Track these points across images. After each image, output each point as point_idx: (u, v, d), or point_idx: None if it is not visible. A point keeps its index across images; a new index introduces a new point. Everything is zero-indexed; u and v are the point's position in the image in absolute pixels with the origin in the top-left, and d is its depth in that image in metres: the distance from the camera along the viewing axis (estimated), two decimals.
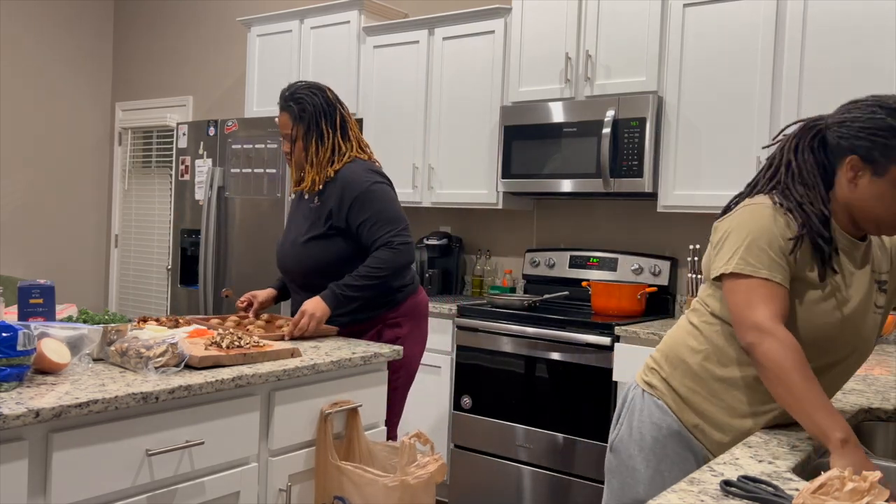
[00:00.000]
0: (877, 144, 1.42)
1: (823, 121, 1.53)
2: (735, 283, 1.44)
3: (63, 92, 6.00)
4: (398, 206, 2.48)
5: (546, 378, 3.23)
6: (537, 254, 3.91)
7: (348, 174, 2.46)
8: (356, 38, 4.24)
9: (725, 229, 1.50)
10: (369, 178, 2.45)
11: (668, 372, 1.61)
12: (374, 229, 2.41)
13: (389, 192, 2.49)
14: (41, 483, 1.50)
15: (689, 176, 3.22)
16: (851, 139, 1.45)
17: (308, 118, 2.49)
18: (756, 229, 1.44)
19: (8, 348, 1.54)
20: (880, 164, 1.42)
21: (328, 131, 2.49)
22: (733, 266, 1.44)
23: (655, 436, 1.59)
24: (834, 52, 2.92)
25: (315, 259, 2.48)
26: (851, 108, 1.48)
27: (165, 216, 5.76)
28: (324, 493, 2.05)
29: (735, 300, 1.44)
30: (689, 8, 3.23)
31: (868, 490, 1.00)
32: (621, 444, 1.66)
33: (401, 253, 2.40)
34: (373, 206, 2.42)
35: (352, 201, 2.42)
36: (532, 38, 3.62)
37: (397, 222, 2.42)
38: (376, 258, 2.39)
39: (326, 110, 2.50)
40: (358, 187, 2.42)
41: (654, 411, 1.61)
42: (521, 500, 3.29)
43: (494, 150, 3.76)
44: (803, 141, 1.52)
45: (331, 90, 2.57)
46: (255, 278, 4.09)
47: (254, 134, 4.14)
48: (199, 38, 5.68)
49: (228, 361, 1.91)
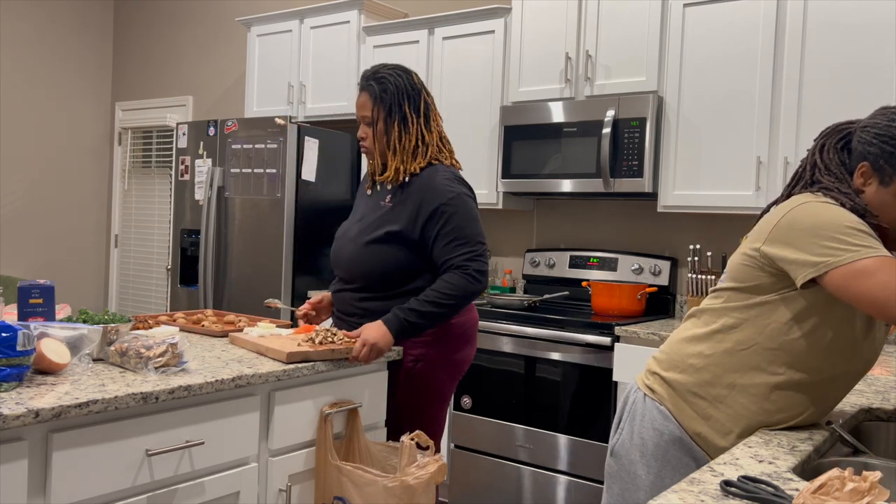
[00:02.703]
0: (884, 153, 1.41)
1: (854, 125, 1.52)
2: (853, 269, 1.31)
3: (63, 92, 6.00)
4: (480, 226, 2.24)
5: (546, 378, 3.23)
6: (537, 254, 3.91)
7: (429, 181, 2.22)
8: (356, 37, 4.24)
9: (785, 235, 1.41)
10: (453, 188, 2.22)
11: (670, 377, 1.59)
12: (448, 247, 2.18)
13: (473, 208, 2.25)
14: (41, 483, 1.50)
15: (689, 176, 3.22)
16: (866, 145, 1.44)
17: (390, 99, 2.24)
18: (828, 218, 1.36)
19: (8, 348, 1.54)
20: (886, 174, 1.41)
21: (412, 116, 2.25)
22: (847, 257, 1.32)
23: (657, 442, 1.57)
24: (834, 52, 2.92)
25: (372, 265, 2.27)
26: (879, 112, 1.47)
27: (165, 216, 5.76)
28: (324, 493, 2.04)
29: (868, 284, 1.30)
30: (689, 8, 3.23)
31: (868, 490, 1.00)
32: (622, 449, 1.64)
33: (475, 281, 2.17)
34: (453, 220, 2.18)
35: (431, 212, 2.19)
36: (532, 38, 3.62)
37: (476, 245, 2.20)
38: (448, 283, 2.16)
39: (411, 94, 2.26)
40: (440, 198, 2.20)
41: (655, 417, 1.58)
42: (521, 500, 3.29)
43: (494, 150, 3.76)
44: (830, 141, 1.51)
45: (417, 75, 2.32)
46: (254, 278, 4.09)
47: (254, 134, 4.14)
48: (199, 38, 5.68)
49: (317, 357, 2.03)
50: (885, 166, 1.41)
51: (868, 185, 1.44)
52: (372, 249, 2.27)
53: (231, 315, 2.66)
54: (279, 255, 4.01)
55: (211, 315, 2.63)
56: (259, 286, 4.09)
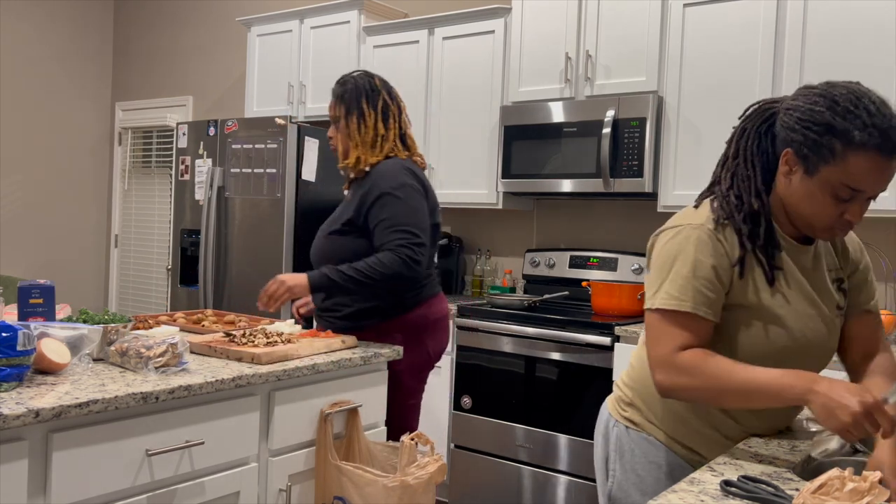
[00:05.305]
0: (808, 140, 1.28)
1: (779, 104, 1.39)
2: (652, 316, 1.36)
3: (63, 92, 5.99)
4: (421, 219, 2.31)
5: (546, 378, 3.23)
6: (537, 254, 3.91)
7: (381, 171, 2.33)
8: (356, 37, 4.24)
9: (654, 256, 1.42)
10: (400, 178, 2.31)
11: (645, 410, 1.51)
12: (386, 232, 2.26)
13: (418, 200, 2.32)
14: (41, 483, 1.50)
15: (689, 176, 3.22)
16: (789, 130, 1.32)
17: (349, 97, 2.43)
18: (682, 257, 1.35)
19: (8, 348, 1.54)
20: (811, 162, 1.29)
21: (369, 111, 2.40)
22: (659, 302, 1.35)
23: (657, 476, 1.48)
24: (834, 52, 2.92)
25: (329, 255, 2.38)
26: (800, 93, 1.34)
27: (165, 216, 5.76)
28: (324, 493, 2.04)
29: (648, 335, 1.36)
30: (689, 8, 3.23)
31: (868, 490, 1.00)
32: (620, 493, 1.52)
33: (405, 265, 2.23)
34: (394, 208, 2.27)
35: (375, 199, 2.29)
36: (532, 38, 3.62)
37: (413, 235, 2.26)
38: (379, 260, 2.24)
39: (370, 93, 2.43)
40: (385, 186, 2.29)
41: (647, 449, 1.50)
42: (521, 500, 3.29)
43: (494, 150, 3.76)
44: (752, 125, 1.41)
45: (380, 78, 2.48)
46: (254, 278, 4.09)
47: (254, 134, 4.14)
48: (199, 38, 5.68)
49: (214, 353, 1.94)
50: (810, 154, 1.29)
51: (793, 173, 1.33)
52: (331, 239, 2.40)
53: (231, 315, 2.66)
54: (279, 255, 4.01)
55: (211, 315, 2.64)
56: (259, 286, 4.06)
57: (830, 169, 1.27)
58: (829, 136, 1.26)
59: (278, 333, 2.18)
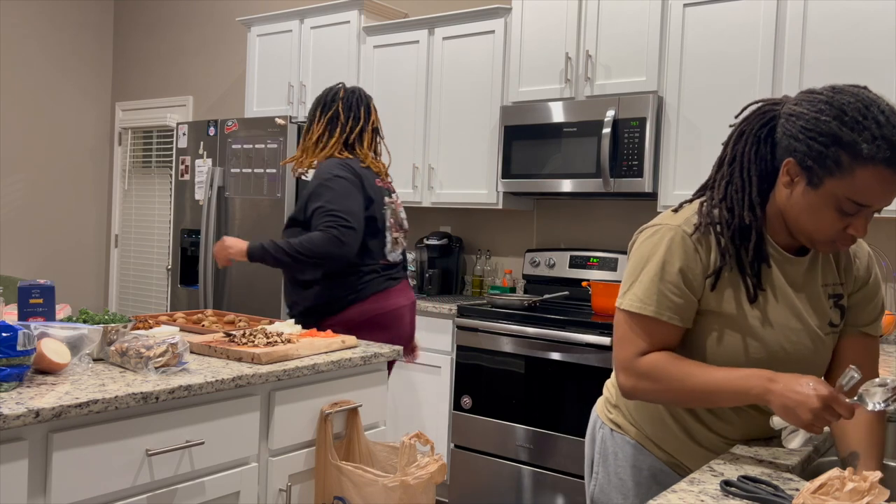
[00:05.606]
0: (812, 151, 1.21)
1: (779, 107, 1.30)
2: (620, 316, 1.37)
3: (63, 92, 6.00)
4: (352, 204, 2.49)
5: (546, 378, 3.23)
6: (537, 254, 3.91)
7: (319, 167, 2.57)
8: (356, 37, 4.24)
9: (631, 253, 1.42)
10: (335, 171, 2.52)
11: (626, 413, 1.50)
12: (318, 216, 2.46)
13: (348, 187, 2.51)
14: (41, 483, 1.50)
15: (689, 176, 3.22)
16: (792, 139, 1.24)
17: (311, 108, 2.71)
18: (654, 259, 1.34)
19: (8, 348, 1.54)
20: (815, 174, 1.22)
21: (319, 118, 2.66)
22: (626, 304, 1.36)
23: (637, 480, 1.46)
24: (834, 52, 2.92)
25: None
26: (804, 99, 1.25)
27: (165, 216, 5.76)
28: (324, 493, 2.04)
29: (615, 335, 1.38)
30: (689, 8, 3.23)
31: (868, 490, 1.00)
32: (602, 495, 1.51)
33: (333, 244, 2.41)
34: (326, 195, 2.47)
35: (311, 192, 2.51)
36: (532, 38, 3.62)
37: (340, 218, 2.44)
38: (310, 238, 2.43)
39: (327, 102, 2.67)
40: (319, 178, 2.51)
41: (630, 453, 1.48)
42: (521, 500, 3.29)
43: (494, 149, 3.76)
44: (751, 128, 1.32)
45: (344, 90, 2.69)
46: (254, 278, 4.09)
47: (254, 134, 4.14)
48: (199, 38, 5.68)
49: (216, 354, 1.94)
50: (814, 166, 1.21)
51: (795, 184, 1.25)
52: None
53: (231, 315, 2.66)
54: None
55: (211, 315, 2.64)
56: (259, 286, 4.09)
57: (836, 182, 1.20)
58: (836, 147, 1.18)
59: (278, 333, 2.18)
